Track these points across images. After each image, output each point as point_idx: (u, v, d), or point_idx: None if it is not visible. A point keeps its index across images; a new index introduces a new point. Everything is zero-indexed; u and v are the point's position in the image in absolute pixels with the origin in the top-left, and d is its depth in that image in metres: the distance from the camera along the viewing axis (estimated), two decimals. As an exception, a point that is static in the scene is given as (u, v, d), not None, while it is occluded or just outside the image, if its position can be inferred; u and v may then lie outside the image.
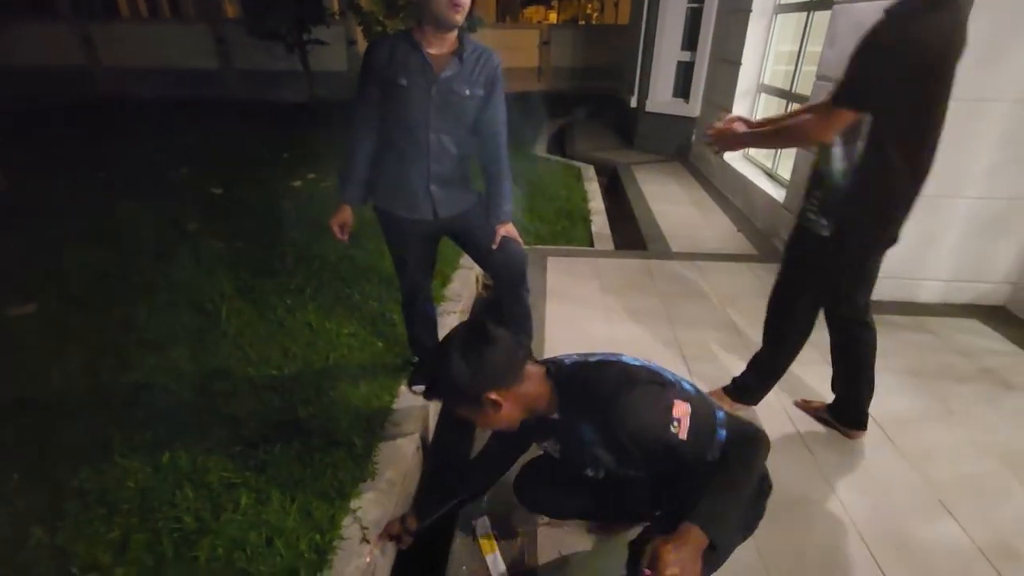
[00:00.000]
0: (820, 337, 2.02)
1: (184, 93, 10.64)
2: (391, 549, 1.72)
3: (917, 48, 1.40)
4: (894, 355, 2.56)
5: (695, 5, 6.31)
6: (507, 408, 1.22)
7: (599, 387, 1.19)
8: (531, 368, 1.26)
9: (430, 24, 1.72)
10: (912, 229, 2.82)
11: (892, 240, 1.70)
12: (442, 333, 2.62)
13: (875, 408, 2.20)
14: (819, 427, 2.11)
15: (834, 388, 2.07)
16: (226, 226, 4.01)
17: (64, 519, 1.67)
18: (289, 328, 2.70)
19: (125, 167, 5.67)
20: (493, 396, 1.20)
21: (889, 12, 1.43)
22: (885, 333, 2.72)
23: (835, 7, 3.21)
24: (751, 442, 1.15)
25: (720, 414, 1.18)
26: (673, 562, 0.99)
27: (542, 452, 1.49)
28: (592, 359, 1.28)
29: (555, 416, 1.28)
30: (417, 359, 2.40)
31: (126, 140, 7.03)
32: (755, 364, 2.11)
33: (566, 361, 1.30)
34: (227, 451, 1.92)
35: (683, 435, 1.12)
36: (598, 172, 6.20)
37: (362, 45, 7.83)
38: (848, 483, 1.86)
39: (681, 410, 1.13)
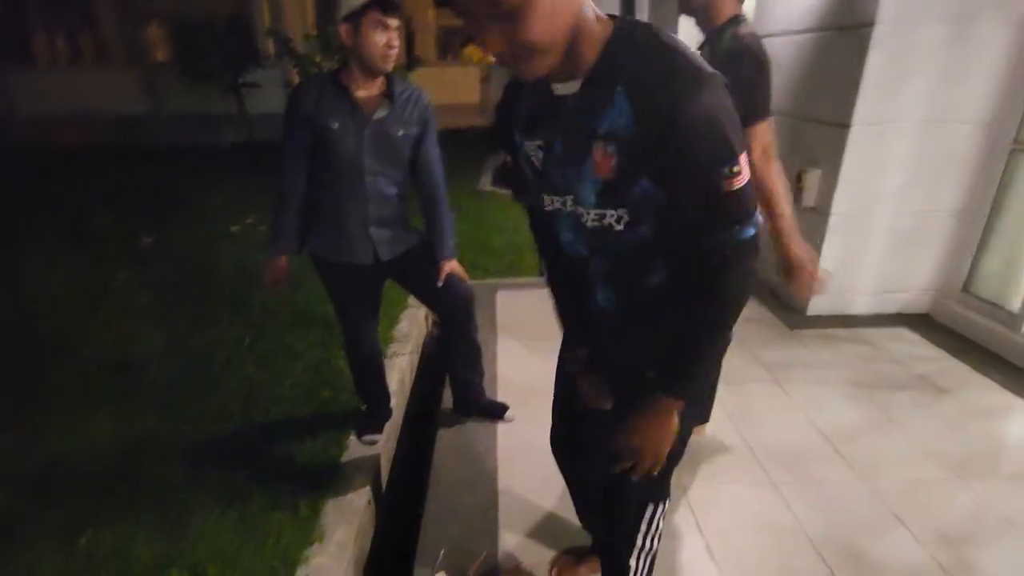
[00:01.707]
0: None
1: (111, 139, 10.18)
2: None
3: (762, 64, 1.61)
4: (836, 367, 2.65)
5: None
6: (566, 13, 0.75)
7: (676, 64, 0.76)
8: None
9: (359, 68, 1.71)
10: (839, 245, 3.01)
11: None
12: (391, 377, 2.55)
13: (822, 422, 2.26)
14: (771, 445, 2.14)
15: None
16: (157, 276, 3.79)
17: (-43, 625, 1.46)
18: (226, 383, 2.54)
19: (43, 217, 5.31)
20: None
21: (745, 39, 1.61)
22: (827, 346, 2.85)
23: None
24: (749, 257, 0.86)
25: (759, 217, 0.87)
26: (635, 431, 0.98)
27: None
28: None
29: (579, 81, 0.83)
30: (365, 407, 2.30)
31: (45, 189, 6.61)
32: None
33: (639, 23, 0.83)
34: (157, 524, 1.75)
35: (729, 187, 0.79)
36: (544, 203, 6.29)
37: (300, 86, 7.75)
38: (801, 498, 1.88)
39: (744, 167, 0.80)
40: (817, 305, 3.14)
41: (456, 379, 2.26)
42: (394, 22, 1.67)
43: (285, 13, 11.96)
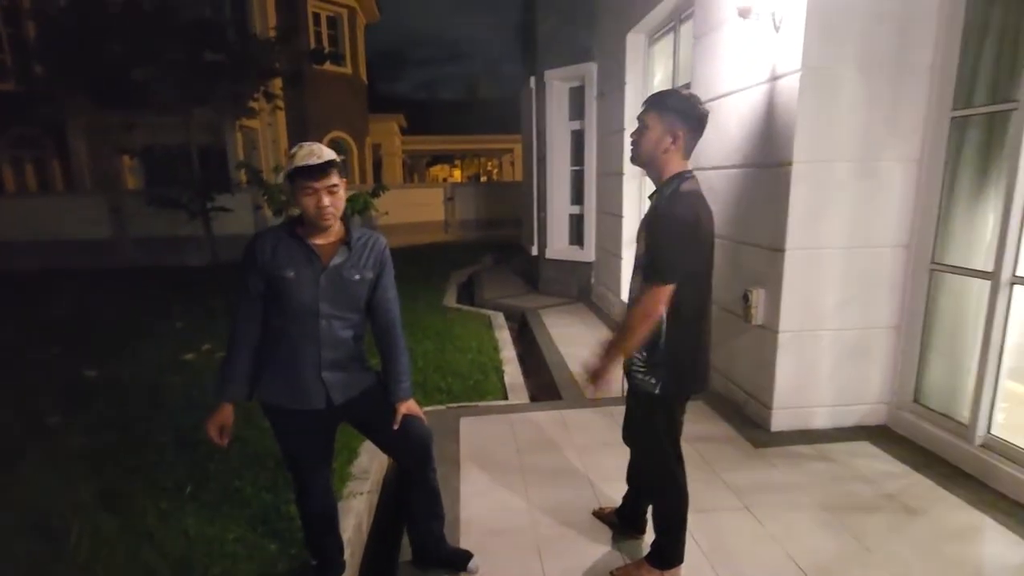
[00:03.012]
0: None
1: (71, 263, 10.05)
2: None
3: (699, 225, 1.75)
4: (805, 489, 2.61)
5: (577, 168, 7.18)
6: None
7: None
8: None
9: (307, 221, 1.77)
10: (792, 360, 3.11)
11: (705, 384, 1.94)
12: (346, 521, 2.37)
13: (800, 554, 2.17)
14: (751, 584, 2.02)
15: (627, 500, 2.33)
16: (96, 415, 3.56)
17: None
18: (160, 541, 2.30)
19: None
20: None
21: (678, 202, 1.76)
22: (793, 466, 2.82)
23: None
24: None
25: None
26: None
27: None
28: None
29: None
30: (315, 562, 2.10)
31: (-12, 320, 6.34)
32: (657, 522, 2.06)
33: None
34: None
35: None
36: (508, 318, 6.37)
37: (267, 211, 7.99)
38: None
39: None
40: (779, 421, 3.16)
41: (414, 528, 2.11)
42: (321, 183, 1.68)
43: (259, 145, 12.63)
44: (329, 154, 1.71)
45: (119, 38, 8.24)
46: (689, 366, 1.85)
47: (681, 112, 1.78)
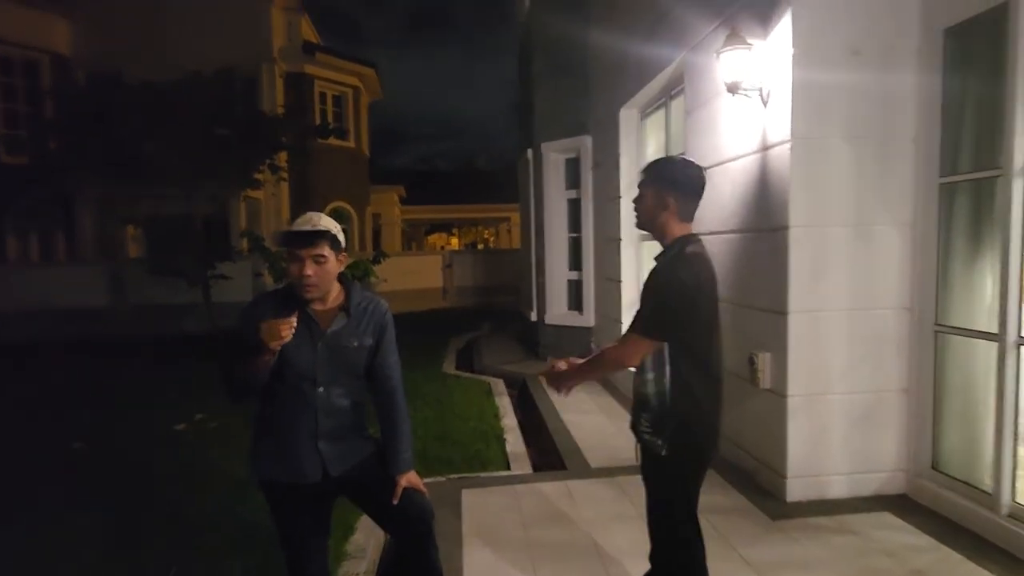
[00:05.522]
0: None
1: (68, 333, 9.95)
2: None
3: (699, 289, 1.75)
4: (829, 565, 2.46)
5: (575, 235, 7.33)
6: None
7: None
8: None
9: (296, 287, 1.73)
10: (803, 426, 3.03)
11: (715, 448, 1.88)
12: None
13: (829, 638, 2.02)
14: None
15: None
16: (81, 491, 3.40)
17: None
18: (138, 631, 2.13)
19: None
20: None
21: (680, 264, 1.78)
22: (814, 539, 2.69)
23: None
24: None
25: None
26: None
27: None
28: None
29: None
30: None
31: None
32: None
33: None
34: None
35: None
36: (507, 384, 6.26)
37: (268, 278, 8.06)
38: None
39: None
40: (795, 491, 3.04)
41: (415, 613, 1.96)
42: (307, 252, 1.65)
43: (261, 214, 12.92)
44: (326, 225, 1.69)
45: (134, 115, 8.61)
46: (696, 425, 1.79)
47: (669, 180, 1.85)
